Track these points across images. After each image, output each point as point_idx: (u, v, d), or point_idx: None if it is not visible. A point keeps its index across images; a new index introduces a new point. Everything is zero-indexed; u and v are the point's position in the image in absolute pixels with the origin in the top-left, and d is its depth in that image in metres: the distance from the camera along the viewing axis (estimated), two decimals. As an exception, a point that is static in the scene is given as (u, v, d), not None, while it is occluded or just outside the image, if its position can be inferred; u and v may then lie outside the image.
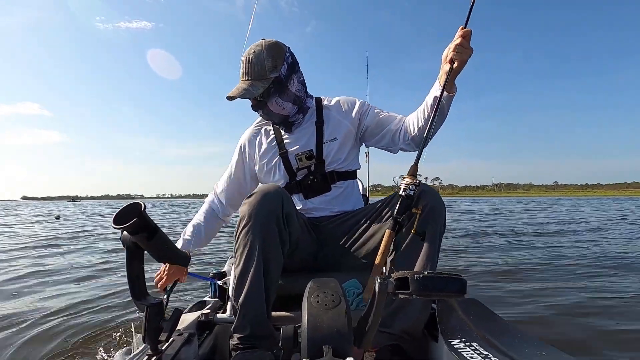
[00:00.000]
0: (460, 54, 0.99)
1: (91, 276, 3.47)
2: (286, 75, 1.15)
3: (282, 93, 1.16)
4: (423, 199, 1.00)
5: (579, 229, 7.61)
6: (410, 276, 0.60)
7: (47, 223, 11.09)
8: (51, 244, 6.08)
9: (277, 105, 1.18)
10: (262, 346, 0.92)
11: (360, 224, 1.16)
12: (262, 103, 1.17)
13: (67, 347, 1.78)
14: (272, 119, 1.23)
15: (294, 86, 1.19)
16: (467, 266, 3.65)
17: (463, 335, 0.89)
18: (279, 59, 1.14)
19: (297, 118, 1.24)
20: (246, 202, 1.00)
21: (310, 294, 0.72)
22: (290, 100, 1.19)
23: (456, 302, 1.09)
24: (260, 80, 1.12)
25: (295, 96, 1.19)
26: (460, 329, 0.94)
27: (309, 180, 1.23)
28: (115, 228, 0.75)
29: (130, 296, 0.82)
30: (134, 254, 0.83)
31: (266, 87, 1.13)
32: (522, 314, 2.20)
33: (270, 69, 1.12)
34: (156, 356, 0.82)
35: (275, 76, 1.13)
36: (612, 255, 4.27)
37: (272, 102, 1.16)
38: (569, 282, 3.01)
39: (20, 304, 2.55)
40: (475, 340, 0.86)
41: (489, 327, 0.93)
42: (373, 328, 0.69)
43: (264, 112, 1.21)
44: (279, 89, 1.15)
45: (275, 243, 0.98)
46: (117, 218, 0.76)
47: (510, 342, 0.84)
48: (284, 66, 1.14)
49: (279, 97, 1.16)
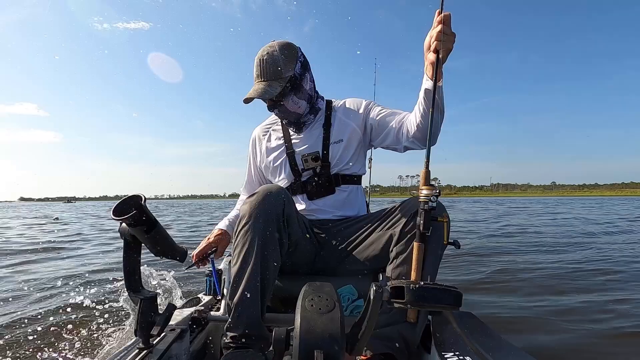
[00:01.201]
0: (444, 42, 0.91)
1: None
2: (300, 73, 1.17)
3: (297, 91, 1.18)
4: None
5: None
6: (406, 285, 0.59)
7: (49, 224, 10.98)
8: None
9: (293, 104, 1.20)
10: (254, 346, 0.92)
11: (361, 230, 1.16)
12: (278, 103, 1.19)
13: (57, 338, 1.78)
14: (288, 117, 1.25)
15: (307, 84, 1.21)
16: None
17: (457, 349, 0.89)
18: (293, 58, 1.15)
19: (308, 118, 1.26)
20: (247, 202, 1.00)
21: (304, 297, 0.72)
22: (305, 99, 1.22)
23: (451, 314, 1.08)
24: (277, 80, 1.13)
25: (308, 95, 1.22)
26: (454, 342, 0.93)
27: (313, 182, 1.24)
28: (115, 219, 0.75)
29: (125, 288, 0.82)
30: (132, 246, 0.83)
31: (283, 86, 1.14)
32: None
33: (285, 68, 1.13)
34: (147, 350, 0.81)
35: (290, 75, 1.14)
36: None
37: (288, 101, 1.18)
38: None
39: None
40: (468, 354, 0.85)
41: (484, 341, 0.93)
42: (366, 335, 0.68)
43: (280, 112, 1.22)
44: (294, 87, 1.17)
45: (274, 244, 0.98)
46: (117, 210, 0.76)
47: (505, 357, 0.83)
48: (298, 64, 1.16)
49: (295, 96, 1.19)
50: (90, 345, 1.67)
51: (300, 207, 1.26)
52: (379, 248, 1.07)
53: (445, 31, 0.91)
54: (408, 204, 1.05)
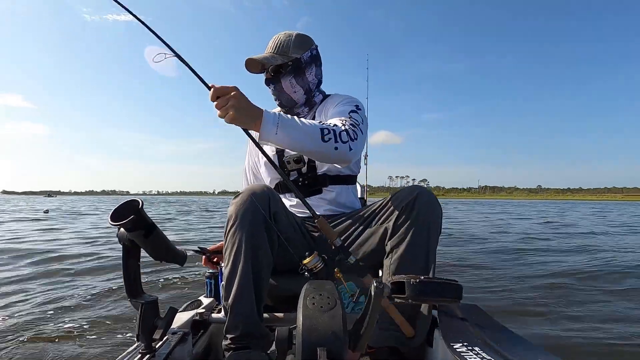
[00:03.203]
0: (225, 116, 0.87)
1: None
2: (307, 61, 1.23)
3: (297, 76, 1.22)
4: (420, 201, 1.00)
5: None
6: (407, 281, 0.60)
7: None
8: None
9: (290, 86, 1.23)
10: (255, 346, 0.92)
11: (356, 226, 1.15)
12: (276, 79, 1.22)
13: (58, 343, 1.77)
14: (281, 98, 1.26)
15: (310, 75, 1.25)
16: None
17: (465, 340, 0.89)
18: (305, 46, 1.23)
19: (302, 110, 1.28)
20: (233, 202, 1.00)
21: (306, 296, 0.72)
22: (303, 87, 1.24)
23: (457, 307, 1.09)
24: (281, 55, 1.20)
25: (308, 86, 1.25)
26: (461, 333, 0.94)
27: (299, 182, 1.24)
28: (113, 225, 0.75)
29: (126, 293, 0.82)
30: (131, 251, 0.82)
31: (284, 62, 1.20)
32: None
33: (294, 50, 1.21)
34: (149, 354, 0.81)
35: (296, 57, 1.21)
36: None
37: (286, 80, 1.22)
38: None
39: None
40: (476, 344, 0.86)
41: (490, 332, 0.94)
42: (368, 331, 0.69)
43: (275, 89, 1.24)
44: (296, 70, 1.22)
45: (263, 242, 0.98)
46: (115, 215, 0.76)
47: (511, 347, 0.85)
48: (308, 53, 1.23)
49: (294, 78, 1.22)
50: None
51: (291, 203, 1.27)
52: (375, 242, 1.08)
53: (220, 105, 0.87)
54: (400, 196, 1.04)
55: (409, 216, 1.00)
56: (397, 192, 1.08)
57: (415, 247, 0.99)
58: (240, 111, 0.88)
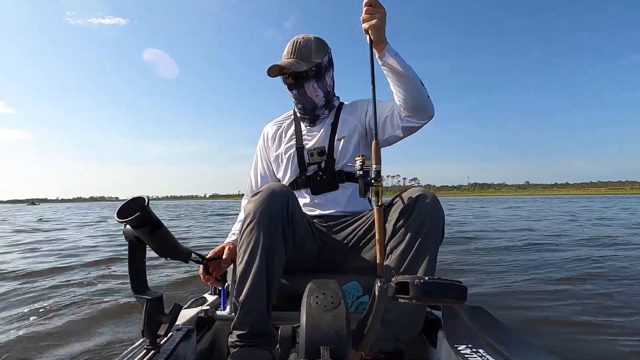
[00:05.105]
0: (369, 21, 1.02)
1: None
2: (326, 65, 1.28)
3: (319, 80, 1.27)
4: (421, 202, 1.00)
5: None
6: (411, 281, 0.59)
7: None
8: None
9: (313, 90, 1.27)
10: (261, 345, 0.92)
11: (365, 227, 1.16)
12: (300, 84, 1.25)
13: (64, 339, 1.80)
14: (304, 102, 1.29)
15: (329, 78, 1.30)
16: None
17: (469, 341, 0.89)
18: (324, 50, 1.27)
19: (322, 112, 1.32)
20: (252, 200, 1.01)
21: (309, 295, 0.72)
22: (324, 90, 1.29)
23: (461, 308, 1.08)
24: (305, 61, 1.23)
25: (327, 89, 1.30)
26: (466, 334, 0.93)
27: (317, 177, 1.27)
28: (119, 221, 0.76)
29: (131, 289, 0.83)
30: (136, 247, 0.83)
31: (309, 68, 1.23)
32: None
33: (316, 54, 1.24)
34: (154, 350, 0.82)
35: (318, 62, 1.24)
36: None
37: (309, 85, 1.26)
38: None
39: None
40: (481, 347, 0.86)
41: (495, 334, 0.93)
42: (372, 331, 0.68)
43: (299, 93, 1.27)
44: (318, 74, 1.26)
45: (279, 242, 0.98)
46: (121, 212, 0.76)
47: (517, 350, 0.84)
48: (327, 57, 1.28)
49: (316, 83, 1.26)
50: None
51: (304, 201, 1.28)
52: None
53: (369, 11, 1.02)
54: (402, 198, 1.06)
55: (410, 217, 1.00)
56: (400, 193, 1.09)
57: (415, 248, 0.99)
58: (383, 24, 1.03)
